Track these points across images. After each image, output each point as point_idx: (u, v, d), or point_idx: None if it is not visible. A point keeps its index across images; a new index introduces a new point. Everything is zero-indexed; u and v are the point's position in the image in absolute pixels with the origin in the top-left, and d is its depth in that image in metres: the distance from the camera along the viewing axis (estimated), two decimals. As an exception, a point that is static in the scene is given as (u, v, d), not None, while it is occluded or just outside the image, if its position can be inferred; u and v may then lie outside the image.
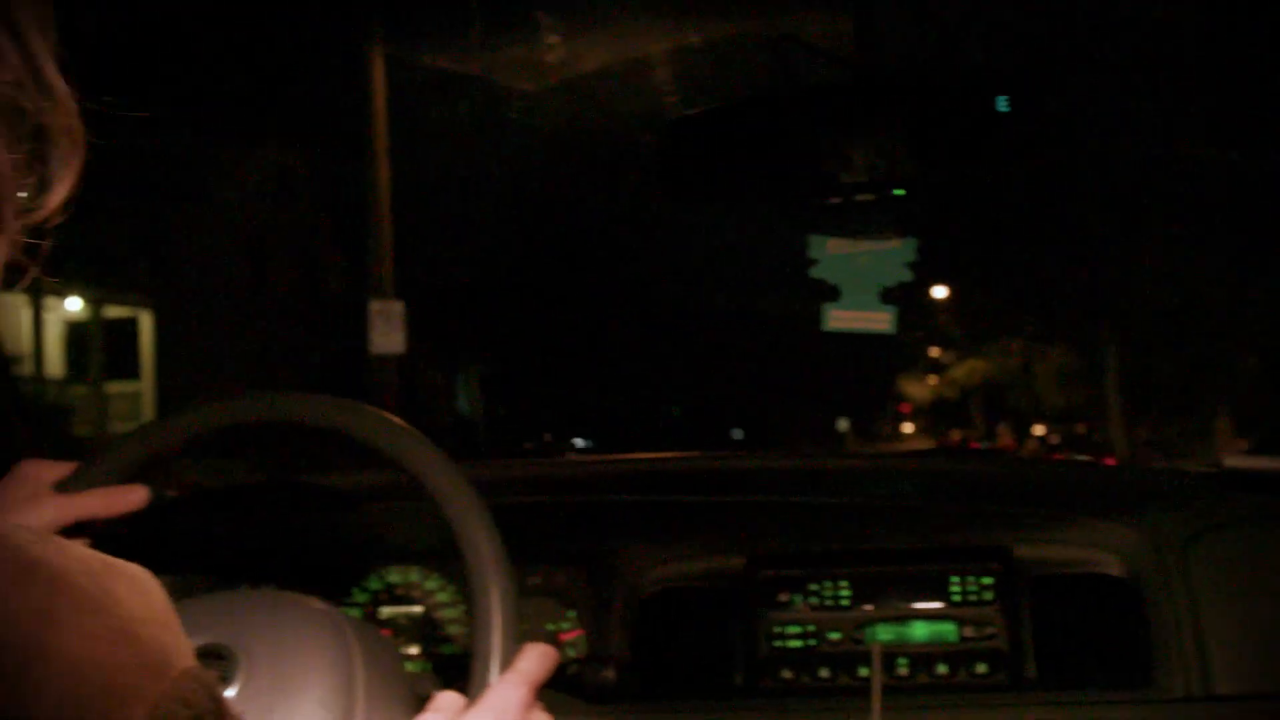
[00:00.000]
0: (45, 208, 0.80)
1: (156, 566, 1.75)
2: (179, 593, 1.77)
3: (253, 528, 1.87)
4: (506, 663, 1.20)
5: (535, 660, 1.19)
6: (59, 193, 0.81)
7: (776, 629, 1.68)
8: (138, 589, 0.67)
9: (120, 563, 0.68)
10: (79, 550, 0.66)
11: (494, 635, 1.22)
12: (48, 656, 0.60)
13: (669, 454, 1.88)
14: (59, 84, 0.80)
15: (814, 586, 1.69)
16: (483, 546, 1.26)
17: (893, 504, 1.74)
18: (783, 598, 1.70)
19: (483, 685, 1.17)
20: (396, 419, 1.34)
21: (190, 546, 1.85)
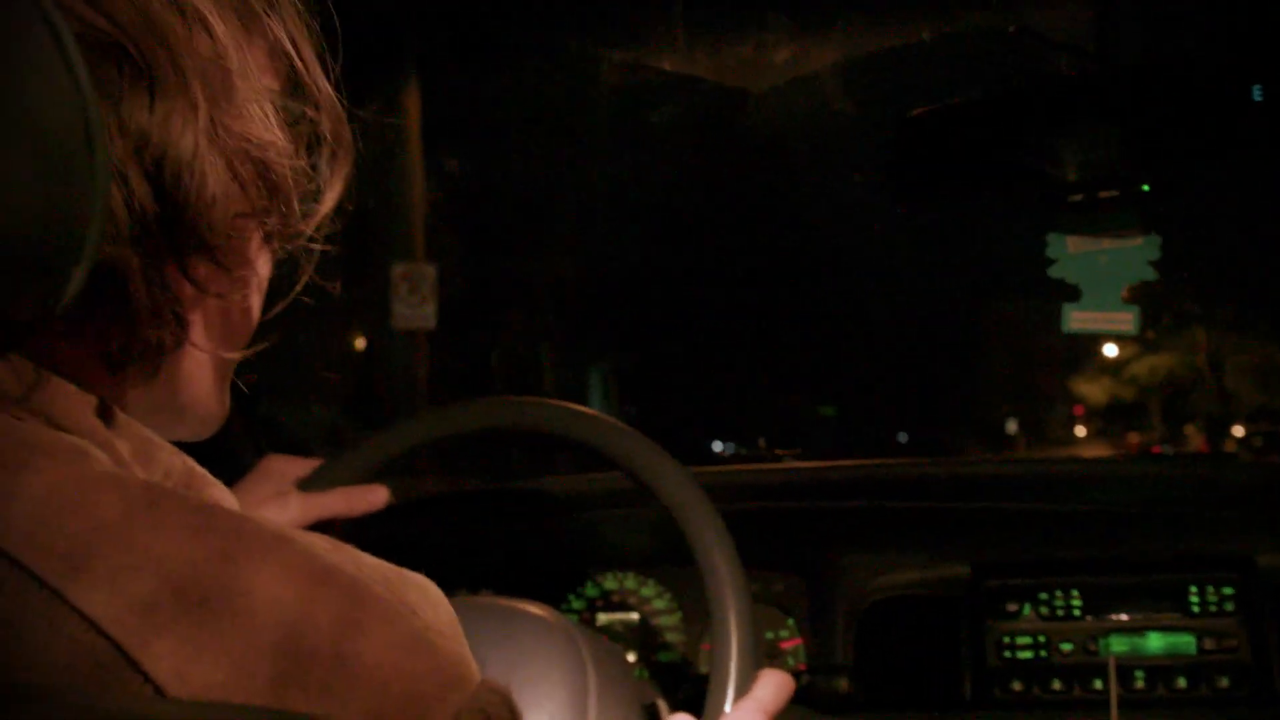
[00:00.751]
0: (317, 215, 0.81)
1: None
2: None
3: (470, 533, 1.89)
4: (743, 689, 1.18)
5: (772, 688, 1.17)
6: (329, 200, 0.82)
7: (1005, 639, 1.64)
8: (429, 598, 0.67)
9: (409, 573, 0.68)
10: (370, 559, 0.66)
11: (731, 660, 1.20)
12: (352, 665, 0.60)
13: (888, 460, 1.85)
14: (326, 90, 0.82)
15: (1044, 596, 1.64)
16: (722, 570, 1.24)
17: (1123, 511, 1.68)
18: (1011, 607, 1.65)
19: (718, 711, 1.15)
20: (637, 433, 1.33)
21: (411, 550, 1.88)
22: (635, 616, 1.83)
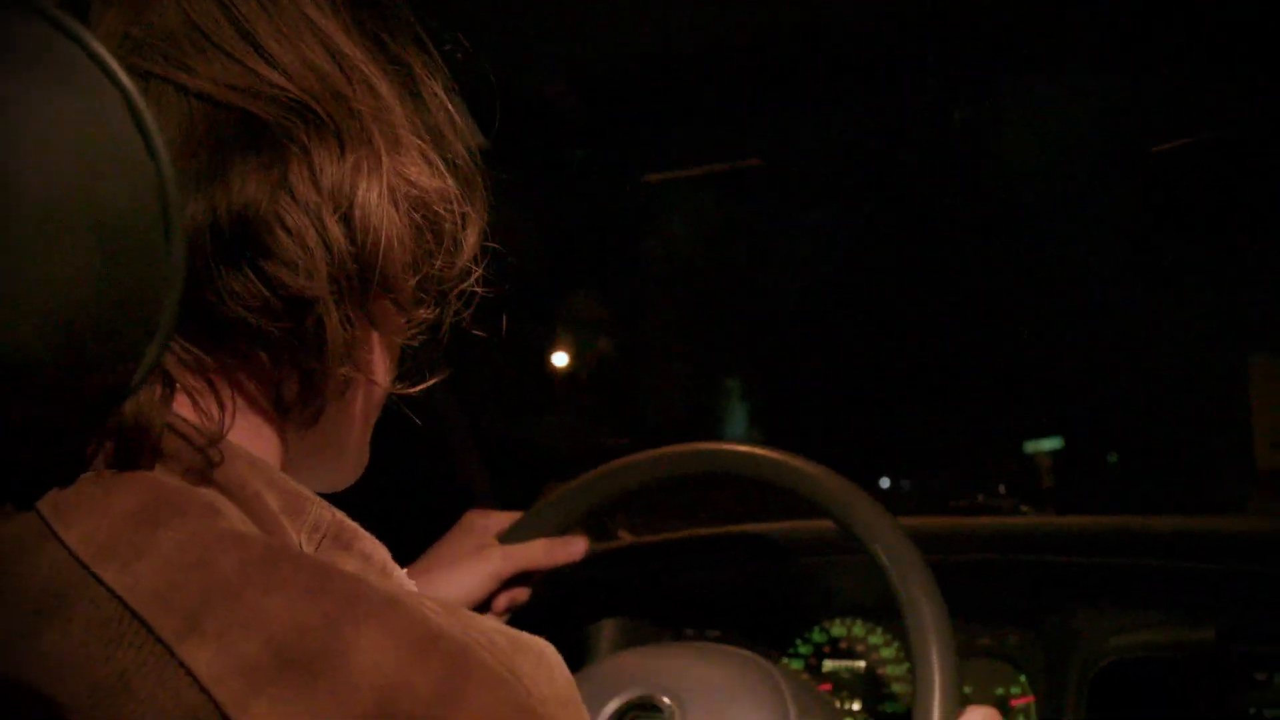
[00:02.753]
0: (455, 265, 0.85)
1: (606, 611, 1.81)
2: (627, 638, 1.83)
3: (696, 576, 1.90)
4: None
5: None
6: (467, 251, 0.86)
7: (1252, 710, 1.54)
8: (544, 665, 0.66)
9: (526, 637, 0.68)
10: (485, 624, 0.66)
11: (934, 700, 1.19)
12: None
13: (1131, 515, 1.77)
14: (461, 151, 0.85)
15: (1296, 666, 1.54)
16: (923, 607, 1.23)
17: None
18: (1260, 677, 1.55)
19: None
20: (837, 475, 1.33)
21: (640, 593, 1.91)
22: (862, 664, 1.80)
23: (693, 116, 1.82)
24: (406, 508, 1.94)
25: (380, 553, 0.76)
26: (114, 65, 0.48)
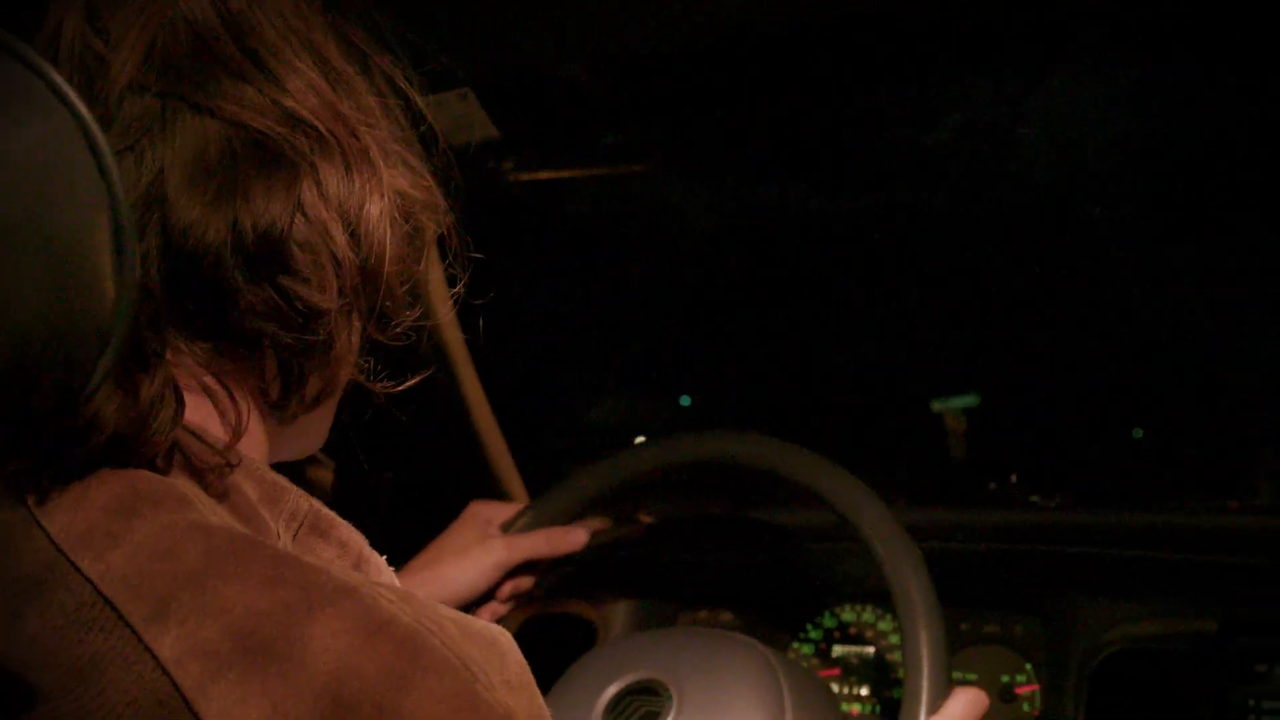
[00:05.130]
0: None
1: (621, 594, 1.84)
2: (640, 621, 1.86)
3: (706, 561, 1.92)
4: (935, 706, 1.18)
5: (964, 705, 1.17)
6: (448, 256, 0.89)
7: (1251, 703, 1.55)
8: (495, 652, 0.68)
9: (480, 624, 0.70)
10: (439, 611, 0.68)
11: (923, 677, 1.20)
12: (393, 715, 0.62)
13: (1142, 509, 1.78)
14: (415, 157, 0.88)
15: (1296, 659, 1.55)
16: (912, 587, 1.25)
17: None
18: (1260, 669, 1.56)
19: None
20: (826, 460, 1.35)
21: (655, 576, 1.93)
22: (871, 650, 1.82)
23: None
24: (434, 499, 1.99)
25: (357, 540, 0.80)
26: (68, 91, 0.51)
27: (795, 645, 1.86)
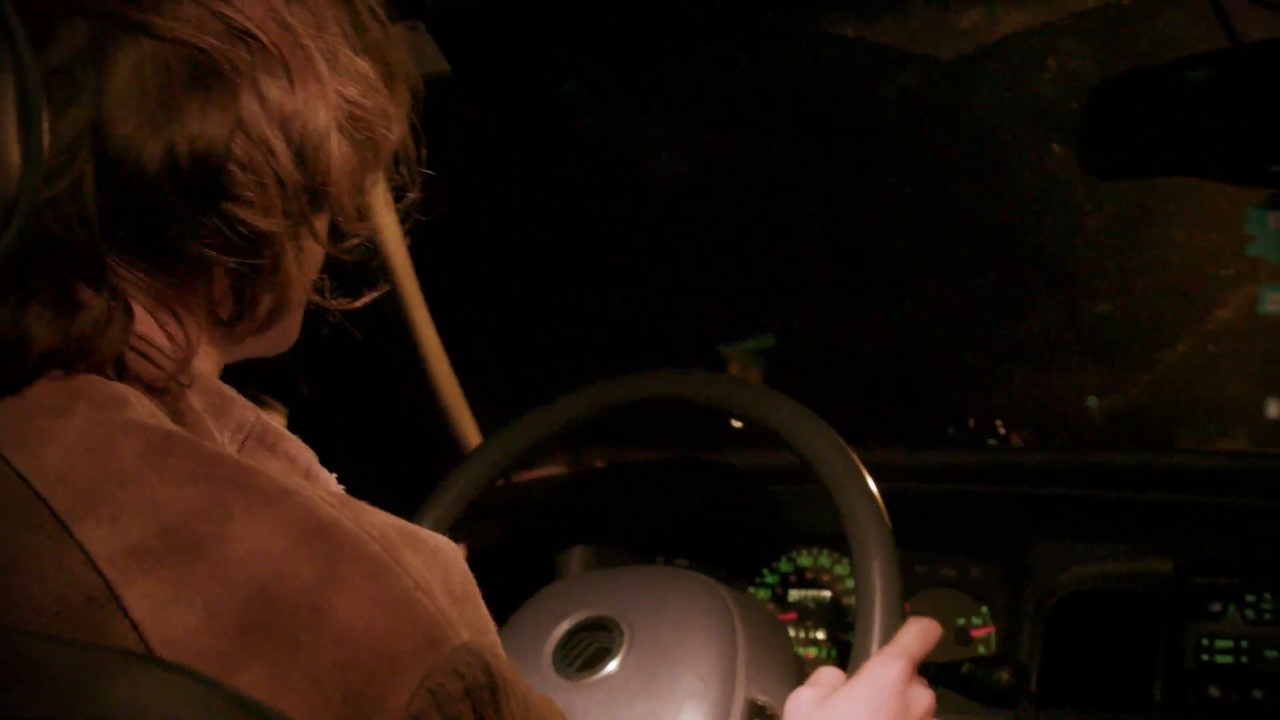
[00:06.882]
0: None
1: (575, 539, 1.83)
2: (592, 562, 1.85)
3: (666, 504, 1.91)
4: (887, 638, 1.17)
5: (916, 635, 1.16)
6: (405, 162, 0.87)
7: (1205, 641, 1.55)
8: (438, 561, 0.67)
9: (425, 533, 0.69)
10: (381, 518, 0.67)
11: (875, 609, 1.19)
12: (326, 618, 0.61)
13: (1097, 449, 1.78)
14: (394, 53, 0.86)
15: (1250, 598, 1.55)
16: (865, 520, 1.24)
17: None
18: (1214, 608, 1.56)
19: (862, 659, 1.15)
20: (786, 397, 1.34)
21: (610, 520, 1.92)
22: (827, 595, 1.81)
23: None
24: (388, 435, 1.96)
25: (306, 455, 0.78)
26: None
27: (751, 590, 1.85)
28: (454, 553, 0.69)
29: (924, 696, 1.13)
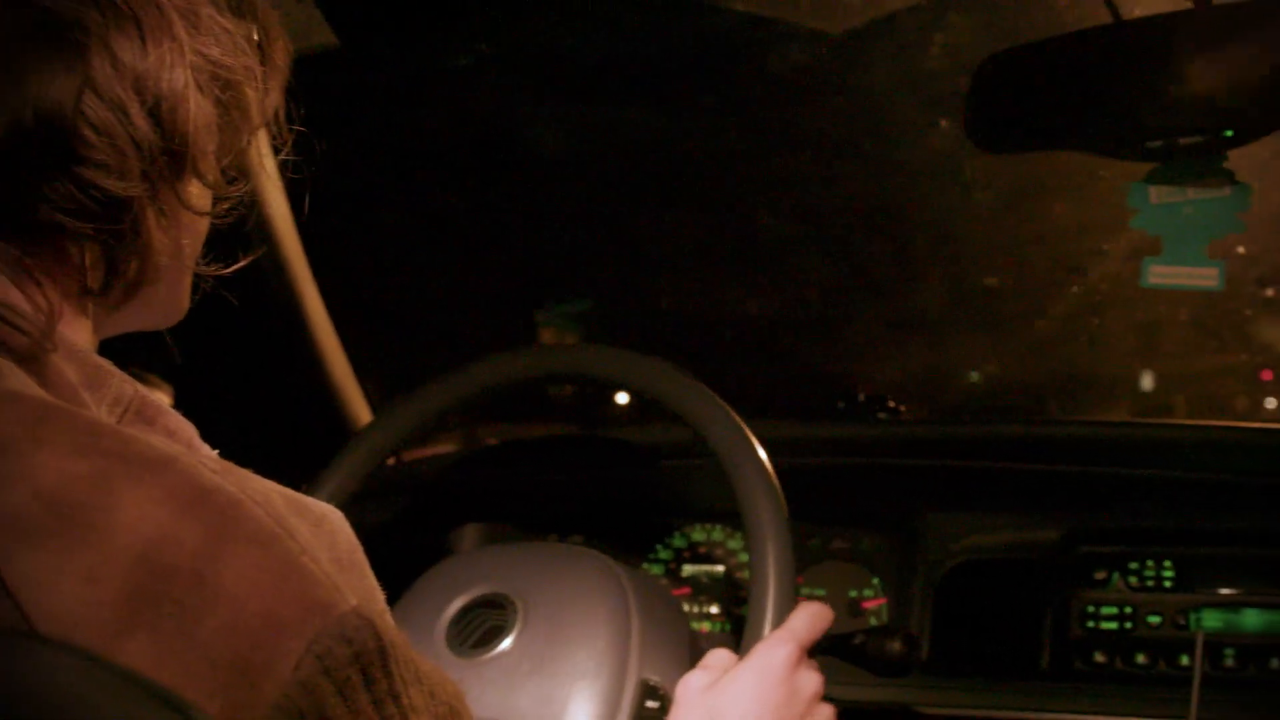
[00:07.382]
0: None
1: (467, 517, 1.80)
2: (485, 541, 1.83)
3: (558, 481, 1.90)
4: (780, 619, 1.17)
5: (805, 619, 1.17)
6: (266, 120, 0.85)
7: (1090, 609, 1.58)
8: (324, 528, 0.66)
9: (310, 501, 0.68)
10: (266, 485, 0.66)
11: (768, 593, 1.19)
12: (211, 584, 0.60)
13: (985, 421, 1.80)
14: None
15: (1134, 565, 1.58)
16: (760, 502, 1.23)
17: (1227, 480, 1.60)
18: (1100, 576, 1.59)
19: (754, 640, 1.15)
20: (681, 371, 1.33)
21: (502, 498, 1.90)
22: (720, 569, 1.82)
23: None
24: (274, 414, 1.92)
25: (186, 429, 0.75)
26: None
27: (645, 566, 1.84)
28: (340, 521, 0.68)
29: (812, 680, 1.14)
